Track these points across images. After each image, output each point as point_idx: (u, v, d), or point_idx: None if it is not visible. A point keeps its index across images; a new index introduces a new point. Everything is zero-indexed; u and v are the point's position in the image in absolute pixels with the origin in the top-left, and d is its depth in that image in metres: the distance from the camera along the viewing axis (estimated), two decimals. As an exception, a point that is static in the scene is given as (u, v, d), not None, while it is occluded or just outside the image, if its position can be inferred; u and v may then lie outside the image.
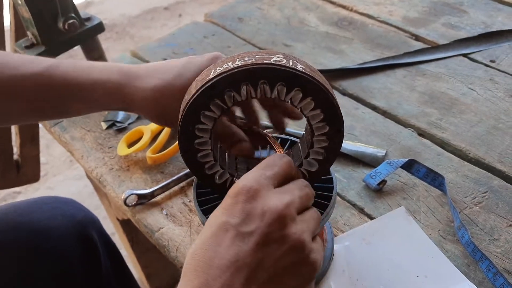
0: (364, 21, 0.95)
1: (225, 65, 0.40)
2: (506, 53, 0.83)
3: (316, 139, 0.43)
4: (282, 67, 0.38)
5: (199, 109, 0.40)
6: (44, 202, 0.69)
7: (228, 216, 0.36)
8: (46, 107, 0.49)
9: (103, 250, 0.74)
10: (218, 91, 0.39)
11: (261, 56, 0.40)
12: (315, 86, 0.39)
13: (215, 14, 1.02)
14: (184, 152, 0.43)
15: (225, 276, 0.34)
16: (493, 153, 0.66)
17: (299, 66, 0.39)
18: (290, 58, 0.40)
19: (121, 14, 2.58)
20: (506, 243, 0.55)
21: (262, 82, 0.39)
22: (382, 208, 0.60)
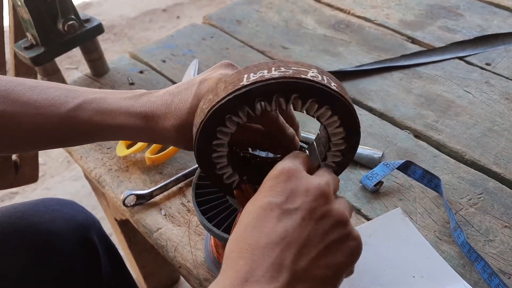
0: (361, 24, 0.96)
1: (260, 73, 0.39)
2: (502, 56, 0.84)
3: (330, 153, 0.44)
4: (318, 84, 0.38)
5: (226, 112, 0.39)
6: (44, 204, 0.69)
7: (272, 196, 0.37)
8: (66, 143, 0.52)
9: (103, 252, 0.74)
10: (250, 99, 0.39)
11: (297, 68, 0.39)
12: (344, 106, 0.40)
13: (214, 16, 1.03)
14: (199, 150, 0.42)
15: (275, 254, 0.34)
16: (488, 155, 0.66)
17: (332, 84, 0.40)
18: (324, 74, 0.40)
19: (119, 15, 2.58)
20: (501, 244, 0.56)
21: (296, 97, 0.39)
22: (378, 209, 0.61)
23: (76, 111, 0.48)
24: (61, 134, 0.49)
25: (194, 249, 0.58)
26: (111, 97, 0.48)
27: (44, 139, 0.50)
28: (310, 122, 0.74)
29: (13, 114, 0.47)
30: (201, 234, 0.60)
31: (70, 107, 0.48)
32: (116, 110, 0.48)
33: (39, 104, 0.48)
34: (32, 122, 0.48)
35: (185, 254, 0.58)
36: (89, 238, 0.70)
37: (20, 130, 0.48)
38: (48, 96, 0.48)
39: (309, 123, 0.74)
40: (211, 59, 0.90)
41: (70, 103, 0.48)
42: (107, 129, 0.48)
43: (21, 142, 0.50)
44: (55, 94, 0.49)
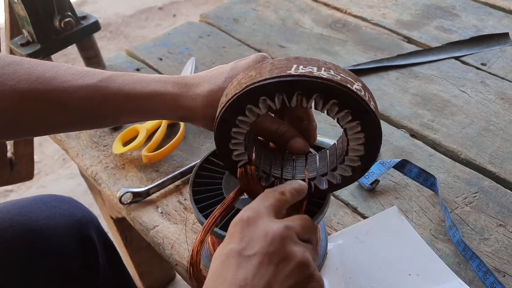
0: (357, 23, 0.96)
1: (310, 68, 0.39)
2: (497, 57, 0.84)
3: (341, 167, 0.44)
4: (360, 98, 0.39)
5: (263, 94, 0.39)
6: (42, 201, 0.69)
7: (232, 243, 0.37)
8: (96, 118, 0.49)
9: (101, 248, 0.74)
10: (291, 89, 0.39)
11: (345, 77, 0.39)
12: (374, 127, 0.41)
13: (211, 14, 1.03)
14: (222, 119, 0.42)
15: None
16: (483, 154, 0.67)
17: (372, 103, 0.40)
18: (367, 91, 0.41)
19: (115, 13, 2.57)
20: (496, 243, 0.56)
21: (334, 103, 0.39)
22: (375, 208, 0.61)
23: (105, 82, 0.46)
24: (90, 109, 0.47)
25: (191, 247, 0.58)
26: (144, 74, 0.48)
27: (73, 116, 0.48)
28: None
29: (37, 91, 0.45)
30: (197, 232, 0.60)
31: (99, 78, 0.46)
32: (148, 79, 0.47)
33: (65, 78, 0.46)
34: (59, 97, 0.46)
35: (182, 252, 0.58)
36: (87, 234, 0.70)
37: (48, 108, 0.46)
38: (75, 71, 0.47)
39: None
40: (208, 57, 0.90)
41: (98, 75, 0.47)
42: (138, 99, 0.46)
43: (49, 121, 0.48)
44: (81, 70, 0.47)
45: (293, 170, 0.47)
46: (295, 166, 0.47)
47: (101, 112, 0.48)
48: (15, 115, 0.47)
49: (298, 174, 0.46)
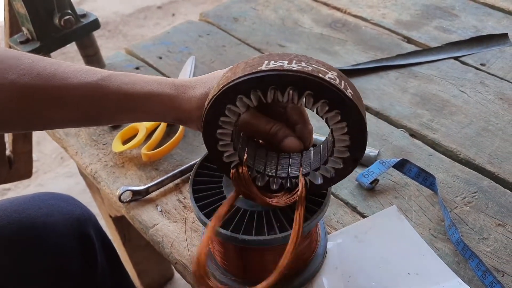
0: (357, 23, 0.97)
1: (280, 62, 0.39)
2: (496, 57, 0.84)
3: (331, 159, 0.44)
4: (333, 86, 0.38)
5: (239, 92, 0.40)
6: (41, 199, 0.69)
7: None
8: (94, 116, 0.49)
9: (100, 247, 0.74)
10: (264, 85, 0.39)
11: (317, 67, 0.39)
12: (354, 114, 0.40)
13: (210, 13, 1.03)
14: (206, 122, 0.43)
15: None
16: (483, 154, 0.67)
17: (348, 90, 0.39)
18: (343, 79, 0.40)
19: (114, 12, 2.57)
20: (495, 242, 0.56)
21: (309, 94, 0.39)
22: (374, 207, 0.61)
23: (104, 80, 0.47)
24: (89, 106, 0.47)
25: (191, 245, 0.58)
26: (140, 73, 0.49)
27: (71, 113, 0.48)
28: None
29: (38, 86, 0.46)
30: (197, 230, 0.60)
31: (99, 77, 0.47)
32: (146, 80, 0.48)
33: (65, 75, 0.47)
34: (59, 93, 0.46)
35: (181, 250, 0.58)
36: (85, 232, 0.70)
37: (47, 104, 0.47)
38: (75, 69, 0.47)
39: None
40: (207, 56, 0.90)
41: (98, 73, 0.47)
42: (136, 99, 0.47)
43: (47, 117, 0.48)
44: (81, 67, 0.48)
45: (288, 168, 0.47)
46: (290, 164, 0.47)
47: (99, 110, 0.48)
48: (14, 109, 0.47)
49: (292, 171, 0.46)
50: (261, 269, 0.52)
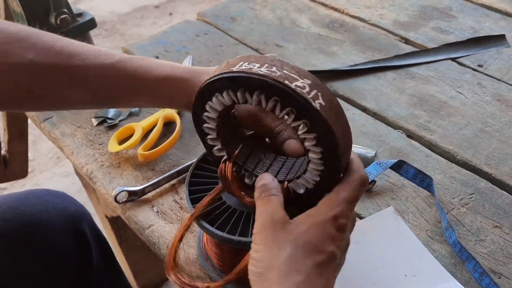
0: (355, 23, 0.96)
1: (252, 65, 0.39)
2: (494, 58, 0.84)
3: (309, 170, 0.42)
4: (297, 95, 0.37)
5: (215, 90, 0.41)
6: (36, 195, 0.68)
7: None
8: (110, 97, 0.50)
9: (94, 244, 0.74)
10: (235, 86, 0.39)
11: (288, 73, 0.38)
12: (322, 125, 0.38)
13: (208, 13, 1.03)
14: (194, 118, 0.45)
15: None
16: (480, 156, 0.67)
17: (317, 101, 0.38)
18: (317, 89, 0.38)
19: (110, 11, 2.56)
20: (492, 244, 0.56)
21: (275, 100, 0.38)
22: (371, 208, 0.61)
23: (122, 63, 0.48)
24: (106, 87, 0.48)
25: (187, 246, 0.58)
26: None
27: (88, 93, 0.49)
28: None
29: (57, 65, 0.46)
30: (193, 231, 0.60)
31: (116, 59, 0.48)
32: (161, 64, 0.49)
33: (84, 56, 0.47)
34: (77, 73, 0.47)
35: (178, 251, 0.58)
36: (80, 229, 0.70)
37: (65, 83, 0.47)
38: (92, 50, 0.48)
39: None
40: (204, 56, 0.90)
41: (116, 56, 0.48)
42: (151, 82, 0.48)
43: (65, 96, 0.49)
44: (99, 49, 0.49)
45: (278, 171, 0.46)
46: (283, 167, 0.47)
47: (116, 91, 0.49)
48: (32, 88, 0.47)
49: (280, 175, 0.45)
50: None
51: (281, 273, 0.36)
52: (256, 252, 0.38)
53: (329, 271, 0.37)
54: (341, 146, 0.39)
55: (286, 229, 0.38)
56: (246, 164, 0.47)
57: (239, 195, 0.46)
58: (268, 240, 0.38)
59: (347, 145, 0.40)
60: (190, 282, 0.45)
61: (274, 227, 0.38)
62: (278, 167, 0.47)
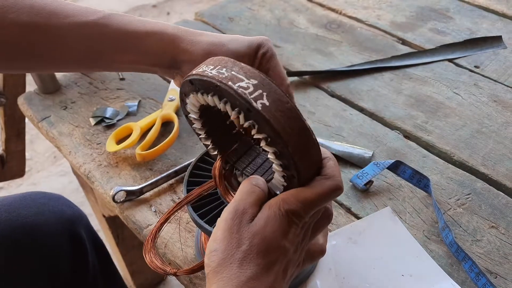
0: (352, 24, 0.97)
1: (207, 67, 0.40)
2: (490, 59, 0.85)
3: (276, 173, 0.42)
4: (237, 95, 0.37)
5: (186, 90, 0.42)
6: (32, 198, 0.68)
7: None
8: (94, 57, 0.49)
9: (91, 247, 0.73)
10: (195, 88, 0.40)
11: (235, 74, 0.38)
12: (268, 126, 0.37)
13: (206, 13, 1.03)
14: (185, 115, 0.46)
15: None
16: (476, 156, 0.67)
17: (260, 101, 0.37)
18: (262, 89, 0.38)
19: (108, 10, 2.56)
20: (488, 244, 0.57)
21: (225, 101, 0.39)
22: (368, 208, 0.61)
23: (105, 19, 0.47)
24: (89, 45, 0.47)
25: (185, 246, 0.58)
26: None
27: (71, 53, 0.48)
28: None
29: (38, 24, 0.45)
30: (191, 231, 0.60)
31: (99, 15, 0.47)
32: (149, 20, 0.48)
33: (65, 14, 0.46)
34: (59, 32, 0.46)
35: (175, 251, 0.58)
36: (76, 232, 0.70)
37: (47, 42, 0.46)
38: (75, 7, 0.47)
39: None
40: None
41: (98, 13, 0.47)
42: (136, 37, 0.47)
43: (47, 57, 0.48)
44: (81, 6, 0.47)
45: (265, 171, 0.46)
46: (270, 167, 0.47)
47: (99, 49, 0.48)
48: (14, 47, 0.47)
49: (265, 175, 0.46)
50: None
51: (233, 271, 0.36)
52: (215, 242, 0.38)
53: (278, 267, 0.37)
54: (291, 146, 0.38)
55: (249, 224, 0.38)
56: (238, 163, 0.47)
57: (223, 192, 0.47)
58: (231, 232, 0.37)
59: (303, 147, 0.39)
60: (161, 265, 0.46)
61: (241, 220, 0.38)
62: (267, 167, 0.47)
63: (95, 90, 0.83)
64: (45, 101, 0.81)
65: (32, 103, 0.81)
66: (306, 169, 0.39)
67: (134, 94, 0.81)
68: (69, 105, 0.80)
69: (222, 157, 0.47)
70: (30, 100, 0.81)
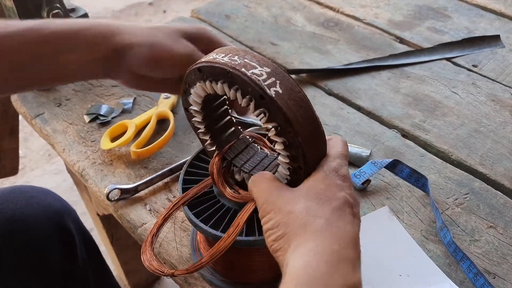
0: (350, 22, 0.96)
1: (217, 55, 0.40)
2: (488, 59, 0.84)
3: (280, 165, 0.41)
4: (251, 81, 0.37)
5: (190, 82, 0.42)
6: (20, 191, 0.67)
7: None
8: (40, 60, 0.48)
9: (80, 240, 0.73)
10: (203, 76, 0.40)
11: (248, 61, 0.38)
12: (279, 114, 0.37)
13: (202, 10, 1.02)
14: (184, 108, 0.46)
15: None
16: (474, 156, 0.67)
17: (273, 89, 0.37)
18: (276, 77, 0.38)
19: (104, 7, 2.54)
20: (486, 244, 0.56)
21: (236, 88, 0.38)
22: (366, 208, 0.61)
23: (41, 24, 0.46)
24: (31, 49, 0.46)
25: (180, 245, 0.57)
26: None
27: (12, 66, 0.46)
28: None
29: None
30: (186, 230, 0.59)
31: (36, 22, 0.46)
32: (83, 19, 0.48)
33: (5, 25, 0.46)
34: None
35: (170, 250, 0.57)
36: (65, 225, 0.69)
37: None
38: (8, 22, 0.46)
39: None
40: (199, 53, 0.89)
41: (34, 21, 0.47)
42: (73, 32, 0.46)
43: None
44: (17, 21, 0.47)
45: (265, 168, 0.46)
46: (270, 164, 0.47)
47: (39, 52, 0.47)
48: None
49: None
50: (249, 270, 0.51)
51: (301, 224, 0.35)
52: (270, 221, 0.37)
53: (347, 215, 0.36)
54: (302, 136, 0.38)
55: (291, 190, 0.38)
56: (236, 160, 0.47)
57: (221, 188, 0.46)
58: (277, 204, 0.37)
59: (312, 137, 0.39)
60: (159, 267, 0.45)
61: (279, 192, 0.38)
62: (267, 163, 0.46)
63: (90, 87, 0.82)
64: (39, 98, 0.79)
65: (26, 100, 0.79)
66: (313, 161, 0.40)
67: (129, 92, 0.80)
68: (63, 102, 0.79)
69: (219, 153, 0.46)
70: (24, 97, 0.80)
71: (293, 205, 0.36)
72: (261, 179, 0.41)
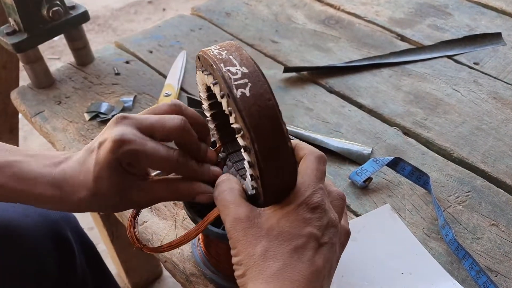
0: (351, 20, 0.96)
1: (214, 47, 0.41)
2: (490, 56, 0.84)
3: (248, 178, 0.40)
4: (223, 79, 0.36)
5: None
6: None
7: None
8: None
9: (79, 249, 0.71)
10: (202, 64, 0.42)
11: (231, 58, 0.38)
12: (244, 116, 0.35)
13: (202, 7, 1.01)
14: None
15: None
16: (476, 153, 0.67)
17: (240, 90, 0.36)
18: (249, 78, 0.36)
19: (103, 6, 2.54)
20: (488, 242, 0.56)
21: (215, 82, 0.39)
22: (367, 205, 0.61)
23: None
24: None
25: (181, 243, 0.57)
26: (32, 162, 0.44)
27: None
28: (298, 116, 0.74)
29: None
30: (187, 228, 0.59)
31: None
32: (37, 177, 0.43)
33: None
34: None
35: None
36: (62, 234, 0.67)
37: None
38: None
39: (298, 117, 0.73)
40: (199, 51, 0.88)
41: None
42: (29, 197, 0.44)
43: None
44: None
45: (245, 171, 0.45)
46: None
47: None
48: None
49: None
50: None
51: (259, 266, 0.35)
52: (235, 256, 0.38)
53: (309, 253, 0.36)
54: (259, 145, 0.35)
55: (255, 225, 0.37)
56: (232, 155, 0.47)
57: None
58: (241, 242, 0.37)
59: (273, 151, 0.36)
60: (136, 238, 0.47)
61: (243, 227, 0.37)
62: None
63: (90, 85, 0.81)
64: (38, 96, 0.79)
65: (25, 97, 0.79)
66: (271, 175, 0.37)
67: (129, 89, 0.80)
68: (63, 100, 0.78)
69: (218, 146, 0.47)
70: (24, 95, 0.80)
71: (253, 247, 0.36)
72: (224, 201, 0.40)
